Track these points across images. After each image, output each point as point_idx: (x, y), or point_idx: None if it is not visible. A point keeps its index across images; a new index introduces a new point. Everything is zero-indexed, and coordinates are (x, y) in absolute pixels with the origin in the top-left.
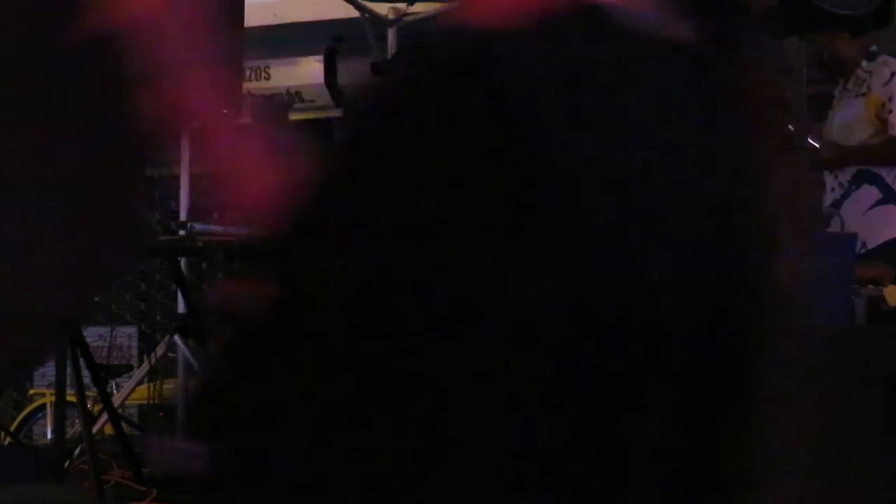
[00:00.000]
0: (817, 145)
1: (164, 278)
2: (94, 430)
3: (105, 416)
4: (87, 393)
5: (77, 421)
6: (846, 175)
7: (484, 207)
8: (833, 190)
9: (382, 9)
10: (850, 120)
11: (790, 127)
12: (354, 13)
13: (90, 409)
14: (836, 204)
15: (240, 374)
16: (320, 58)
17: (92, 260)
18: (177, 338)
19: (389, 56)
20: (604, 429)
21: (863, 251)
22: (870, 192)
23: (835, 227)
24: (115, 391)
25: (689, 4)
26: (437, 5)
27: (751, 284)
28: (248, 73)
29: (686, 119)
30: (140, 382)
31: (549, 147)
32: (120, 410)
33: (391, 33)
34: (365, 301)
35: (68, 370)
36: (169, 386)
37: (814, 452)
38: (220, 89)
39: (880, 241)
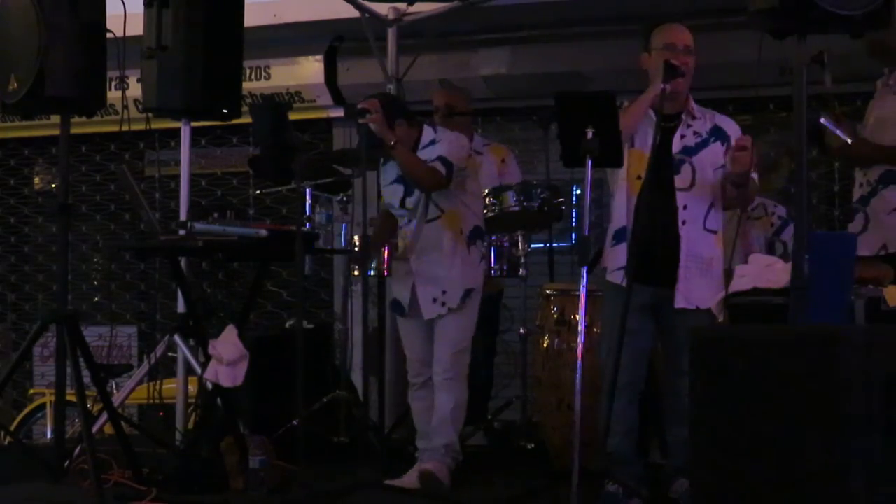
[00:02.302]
0: (849, 140)
1: (164, 278)
2: (94, 430)
3: (105, 416)
4: (87, 393)
5: (77, 421)
6: (874, 174)
7: None
8: (861, 186)
9: (382, 9)
10: (885, 116)
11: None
12: (354, 13)
13: (90, 409)
14: (864, 200)
15: None
16: (320, 58)
17: None
18: (177, 338)
19: (389, 56)
20: None
21: (882, 252)
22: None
23: (859, 222)
24: (115, 391)
25: None
26: (437, 5)
27: None
28: (248, 73)
29: None
30: (140, 382)
31: None
32: (120, 410)
33: (391, 33)
34: None
35: (68, 370)
36: (169, 386)
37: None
38: None
39: None
